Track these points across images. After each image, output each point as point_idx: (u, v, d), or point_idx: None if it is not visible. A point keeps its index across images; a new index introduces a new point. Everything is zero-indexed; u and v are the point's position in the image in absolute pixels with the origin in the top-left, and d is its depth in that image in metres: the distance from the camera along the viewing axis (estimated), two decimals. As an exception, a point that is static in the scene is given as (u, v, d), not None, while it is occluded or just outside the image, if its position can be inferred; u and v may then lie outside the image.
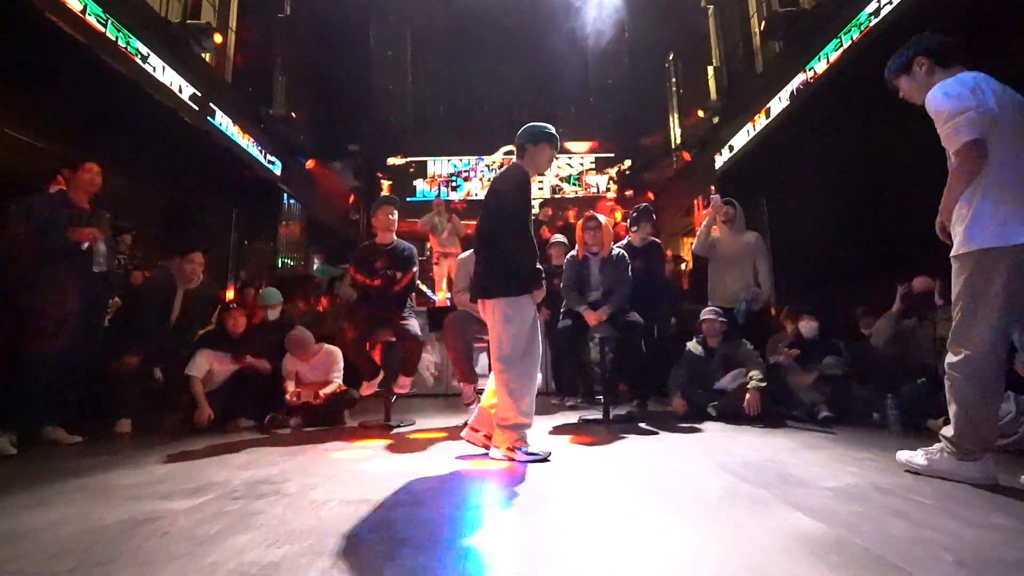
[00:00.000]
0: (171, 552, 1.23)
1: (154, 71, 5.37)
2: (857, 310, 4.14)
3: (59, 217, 2.95)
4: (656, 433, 2.94)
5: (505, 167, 2.51)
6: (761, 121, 7.10)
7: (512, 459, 2.22)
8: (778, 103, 6.70)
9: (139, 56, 5.14)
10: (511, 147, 2.74)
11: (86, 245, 2.99)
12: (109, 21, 4.76)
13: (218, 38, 6.45)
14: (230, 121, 6.91)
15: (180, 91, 5.83)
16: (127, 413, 3.39)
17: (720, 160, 8.29)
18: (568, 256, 3.80)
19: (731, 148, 7.95)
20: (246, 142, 7.30)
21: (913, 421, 2.97)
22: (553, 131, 2.51)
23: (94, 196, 3.19)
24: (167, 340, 3.64)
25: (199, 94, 6.17)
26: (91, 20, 4.58)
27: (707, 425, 3.21)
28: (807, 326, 3.74)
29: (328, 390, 3.61)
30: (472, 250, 3.89)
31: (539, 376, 2.40)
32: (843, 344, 3.66)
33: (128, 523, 1.44)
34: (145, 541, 1.30)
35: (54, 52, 4.43)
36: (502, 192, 2.38)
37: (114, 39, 4.79)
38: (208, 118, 6.38)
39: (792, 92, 6.39)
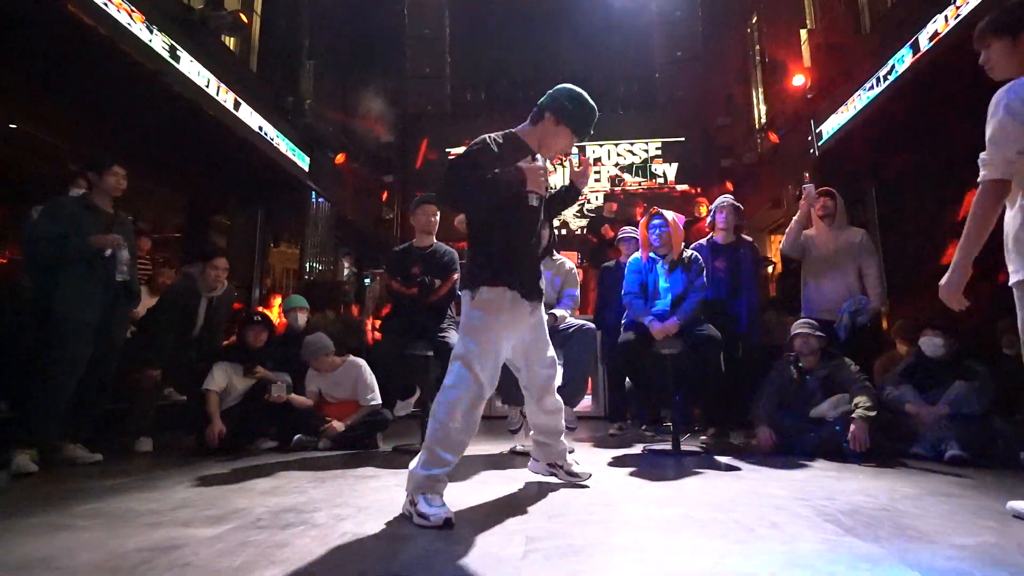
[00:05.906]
0: (192, 586, 1.30)
1: (177, 61, 5.75)
2: (999, 324, 3.84)
3: (82, 222, 3.20)
4: (738, 470, 2.85)
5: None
6: (867, 94, 6.75)
7: (408, 513, 1.87)
8: (890, 70, 6.35)
9: (162, 47, 5.52)
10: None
11: (108, 252, 3.20)
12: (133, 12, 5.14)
13: (243, 17, 6.82)
14: (255, 113, 7.28)
15: (204, 82, 6.21)
16: (148, 431, 3.63)
17: (816, 142, 7.96)
18: (631, 259, 3.75)
19: (830, 127, 7.61)
20: (271, 135, 7.67)
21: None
22: (590, 110, 2.16)
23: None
24: (190, 352, 3.86)
25: (222, 84, 6.55)
26: (111, 11, 4.95)
27: (801, 462, 3.08)
28: (930, 342, 3.51)
29: (358, 416, 3.77)
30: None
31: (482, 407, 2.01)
32: (982, 367, 3.39)
33: (147, 552, 1.54)
34: (164, 572, 1.39)
35: (72, 44, 4.81)
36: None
37: (129, 25, 5.16)
38: (231, 109, 6.75)
39: (906, 58, 6.05)
